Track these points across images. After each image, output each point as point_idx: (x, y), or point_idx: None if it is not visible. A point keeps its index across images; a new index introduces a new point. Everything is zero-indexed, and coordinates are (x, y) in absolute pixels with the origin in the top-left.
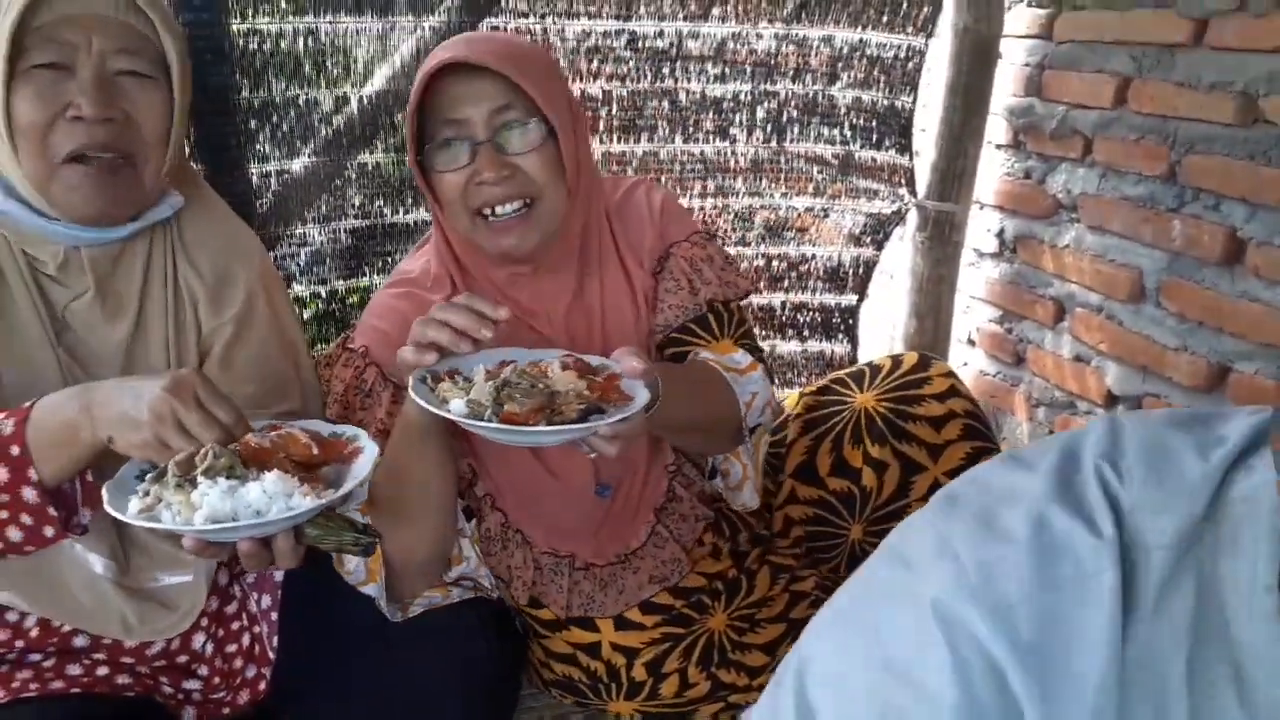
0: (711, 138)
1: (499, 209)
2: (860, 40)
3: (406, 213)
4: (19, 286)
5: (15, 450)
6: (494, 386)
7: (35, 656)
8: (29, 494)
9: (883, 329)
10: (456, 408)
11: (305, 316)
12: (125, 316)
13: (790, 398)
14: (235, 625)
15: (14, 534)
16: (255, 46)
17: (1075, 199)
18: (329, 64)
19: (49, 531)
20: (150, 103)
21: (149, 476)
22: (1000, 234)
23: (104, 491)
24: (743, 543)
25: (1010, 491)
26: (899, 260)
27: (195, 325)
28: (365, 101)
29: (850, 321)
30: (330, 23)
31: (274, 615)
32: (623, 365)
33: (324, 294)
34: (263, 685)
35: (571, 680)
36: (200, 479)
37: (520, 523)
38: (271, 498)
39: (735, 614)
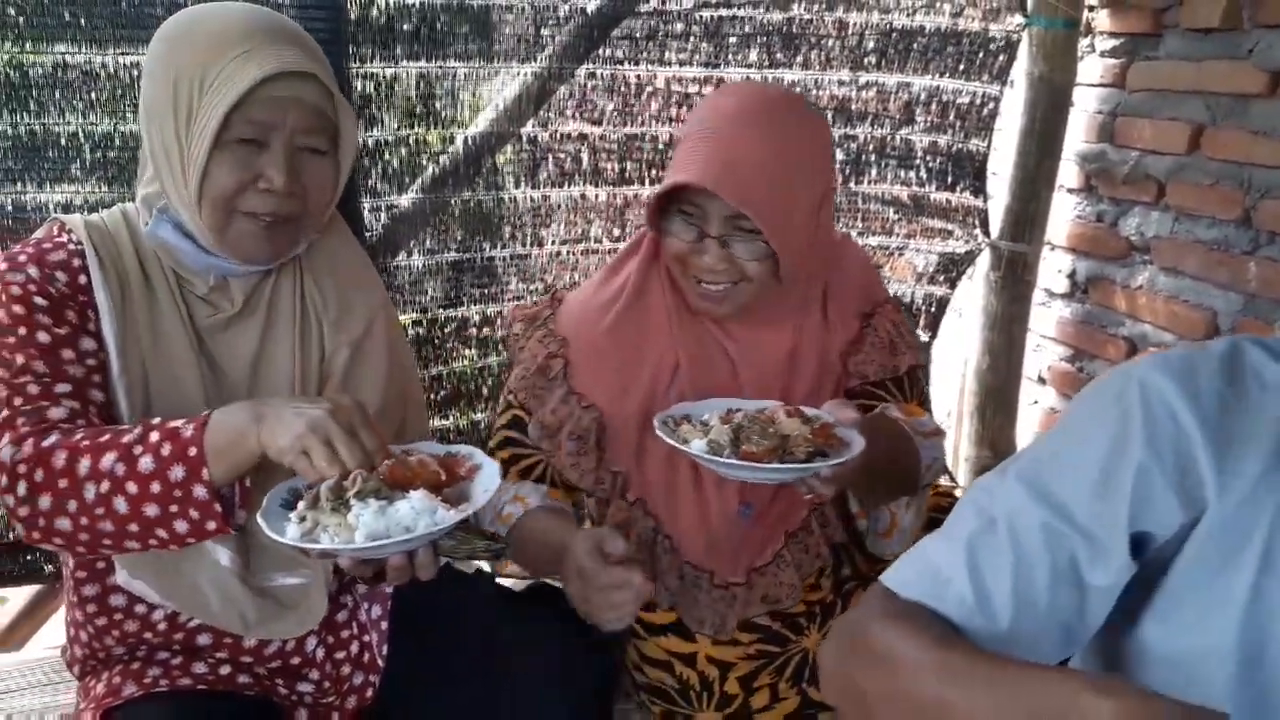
0: None
1: (710, 284)
2: (936, 87)
3: (504, 247)
4: (168, 303)
5: (193, 451)
6: (731, 429)
7: (164, 655)
8: (199, 491)
9: (953, 365)
10: (697, 445)
11: None
12: (256, 330)
13: None
14: (345, 633)
15: (180, 526)
16: (371, 90)
17: (1148, 241)
18: (438, 106)
19: (211, 525)
20: (323, 176)
21: (301, 504)
22: (1071, 275)
23: (259, 519)
24: (844, 574)
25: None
26: (970, 299)
27: (319, 342)
28: (469, 142)
29: None
30: (440, 67)
31: (384, 625)
32: (838, 415)
33: (424, 322)
34: (370, 693)
35: (663, 686)
36: (353, 501)
37: (670, 529)
38: (419, 514)
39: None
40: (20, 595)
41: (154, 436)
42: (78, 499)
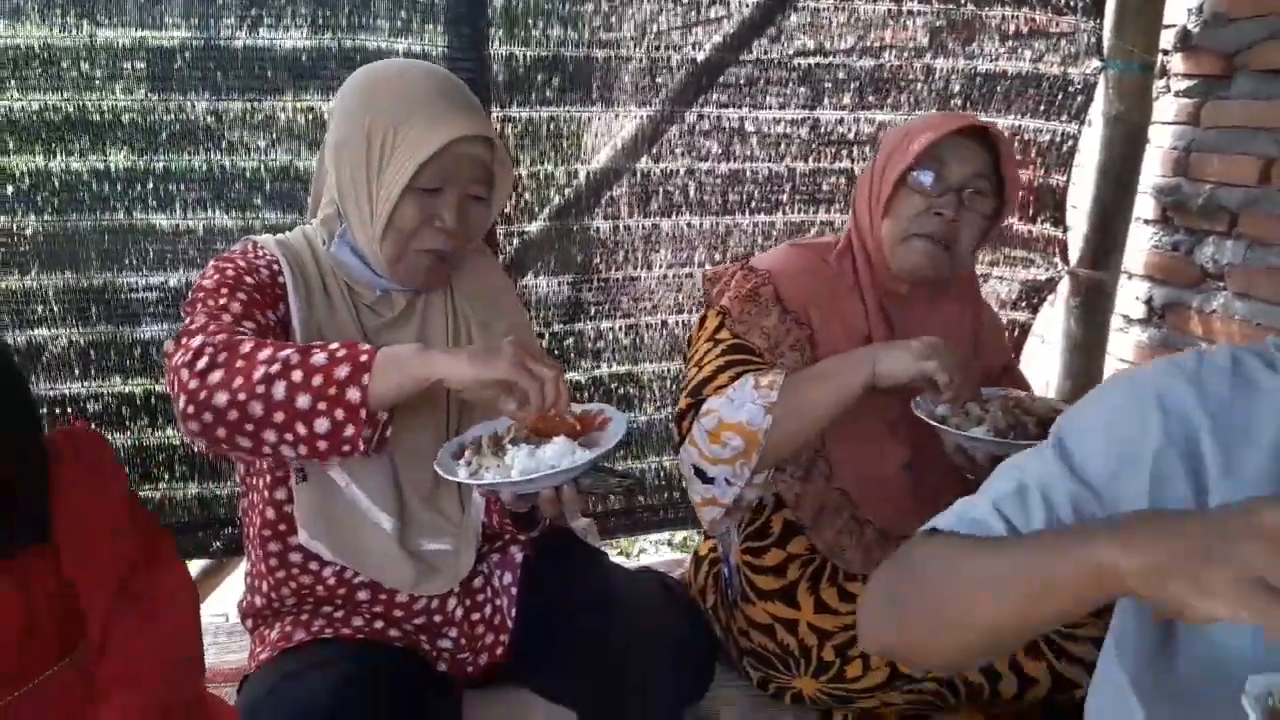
0: None
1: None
2: (1018, 126)
3: (617, 270)
4: (343, 308)
5: (363, 358)
6: (1005, 414)
7: (327, 609)
8: (353, 394)
9: (1035, 388)
10: (979, 431)
11: None
12: (412, 332)
13: None
14: (480, 597)
15: (321, 425)
16: (509, 131)
17: (1222, 269)
18: (565, 145)
19: (349, 431)
20: (481, 218)
21: (467, 450)
22: (1148, 301)
23: (436, 467)
24: None
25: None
26: (1051, 324)
27: (468, 341)
28: (590, 176)
29: None
30: (568, 111)
31: (514, 590)
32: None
33: (546, 335)
34: (500, 650)
35: (764, 651)
36: (508, 446)
37: (844, 483)
38: (561, 454)
39: None
40: (190, 569)
41: (332, 346)
42: (245, 377)
